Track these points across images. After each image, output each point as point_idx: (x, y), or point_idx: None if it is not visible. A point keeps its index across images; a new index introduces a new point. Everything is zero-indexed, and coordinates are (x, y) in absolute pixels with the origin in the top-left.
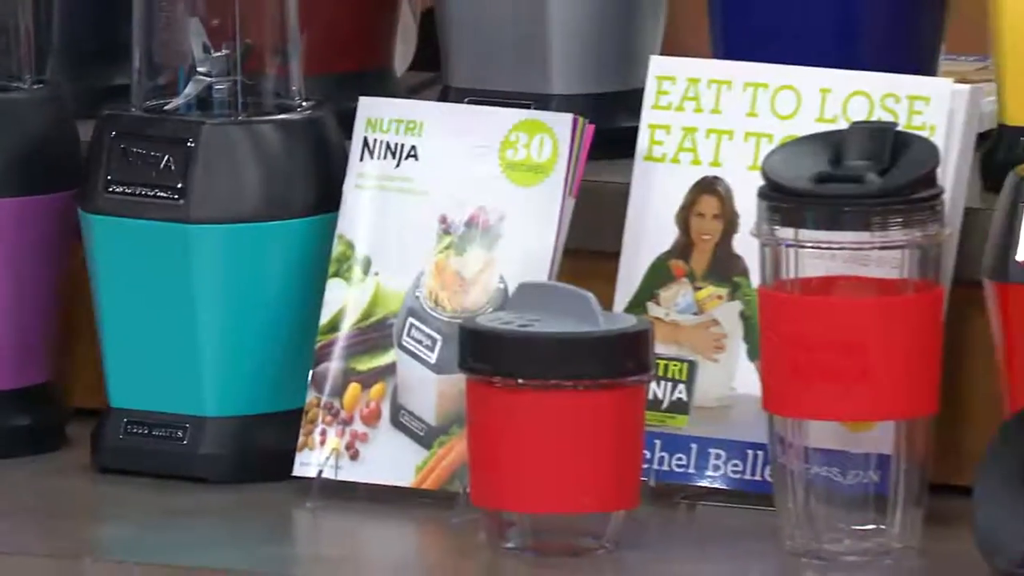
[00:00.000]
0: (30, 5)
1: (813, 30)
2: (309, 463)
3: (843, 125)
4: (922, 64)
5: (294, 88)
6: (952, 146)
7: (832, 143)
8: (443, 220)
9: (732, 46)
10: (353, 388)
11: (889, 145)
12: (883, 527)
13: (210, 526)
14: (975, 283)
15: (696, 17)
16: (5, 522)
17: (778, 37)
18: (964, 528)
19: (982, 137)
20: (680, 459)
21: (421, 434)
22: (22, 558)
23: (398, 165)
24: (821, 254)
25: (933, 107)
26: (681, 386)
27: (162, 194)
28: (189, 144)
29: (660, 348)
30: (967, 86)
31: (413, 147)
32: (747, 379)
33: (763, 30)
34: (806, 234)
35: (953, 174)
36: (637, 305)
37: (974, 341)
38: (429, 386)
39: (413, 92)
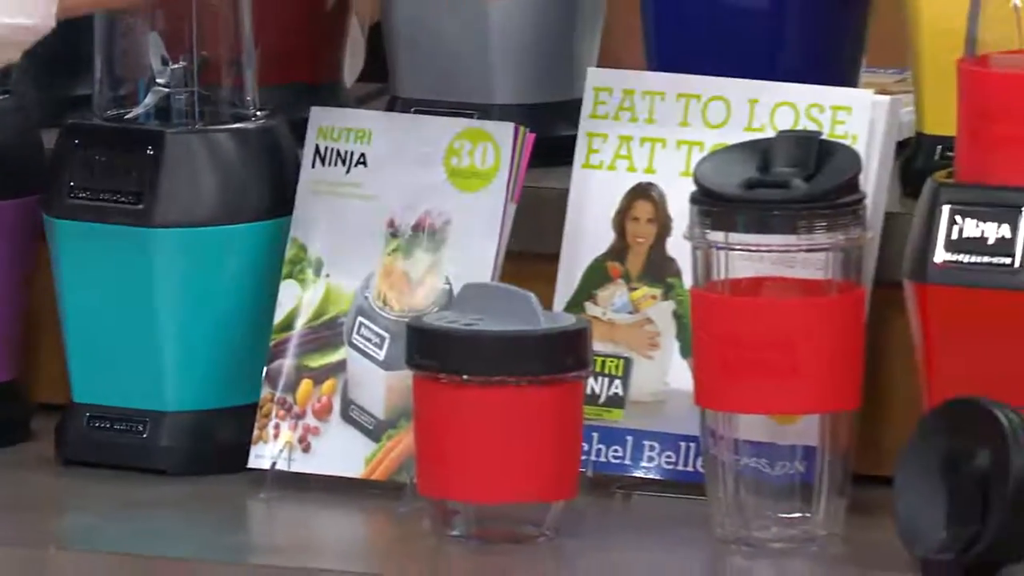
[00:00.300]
0: None
1: (742, 44)
2: (263, 455)
3: (770, 134)
4: (845, 76)
5: (249, 99)
6: (873, 154)
7: (760, 151)
8: (391, 224)
9: (665, 59)
10: (305, 384)
11: (814, 153)
12: (808, 515)
13: (169, 516)
14: (895, 284)
15: (631, 32)
16: None
17: (709, 51)
18: (885, 517)
19: (901, 145)
20: (616, 451)
21: (370, 428)
22: None
23: (348, 171)
24: (750, 256)
25: (855, 117)
26: (617, 382)
27: (123, 200)
28: (149, 152)
29: (597, 346)
30: (887, 97)
31: (362, 154)
32: (680, 375)
33: (694, 44)
34: (736, 237)
35: (874, 180)
36: (575, 305)
37: (894, 340)
38: (378, 382)
39: (362, 102)
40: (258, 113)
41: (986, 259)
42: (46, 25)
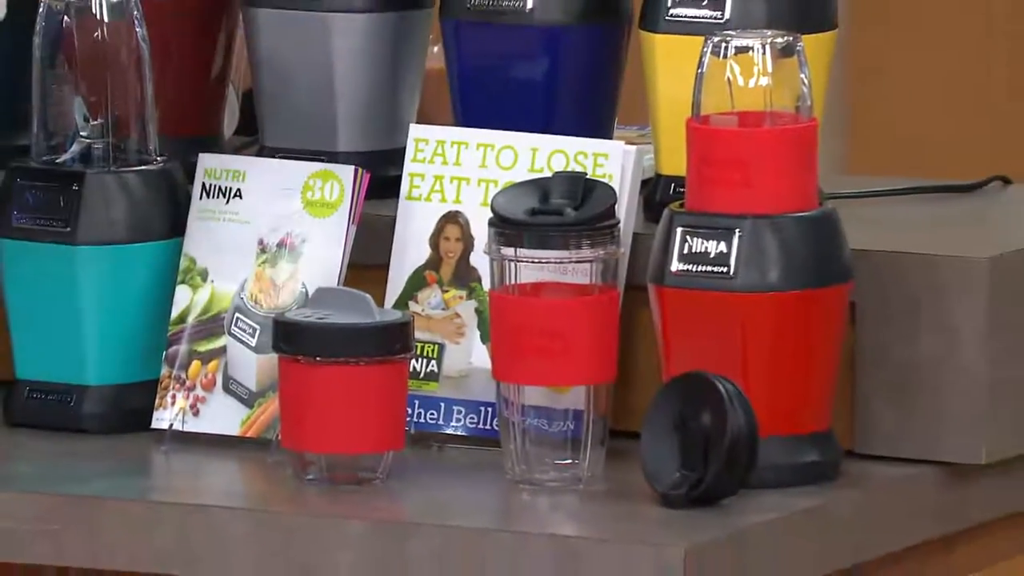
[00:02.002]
0: None
1: (526, 108)
2: (163, 419)
3: (548, 174)
4: (603, 131)
5: (151, 147)
6: (624, 189)
7: (540, 187)
8: (261, 242)
9: (468, 118)
10: (196, 364)
11: (581, 188)
12: (577, 462)
13: (91, 466)
14: (642, 287)
15: (442, 97)
16: None
17: (501, 112)
18: (634, 462)
19: (645, 183)
20: (432, 414)
21: (245, 397)
22: None
23: (228, 202)
24: (533, 266)
25: (611, 161)
26: (433, 362)
27: (55, 224)
28: (74, 188)
29: (418, 334)
30: (633, 147)
31: (239, 189)
32: (481, 356)
33: (490, 107)
34: (523, 252)
35: (625, 209)
36: (401, 303)
37: (641, 329)
38: (251, 362)
39: (238, 150)
40: (158, 158)
41: (709, 268)
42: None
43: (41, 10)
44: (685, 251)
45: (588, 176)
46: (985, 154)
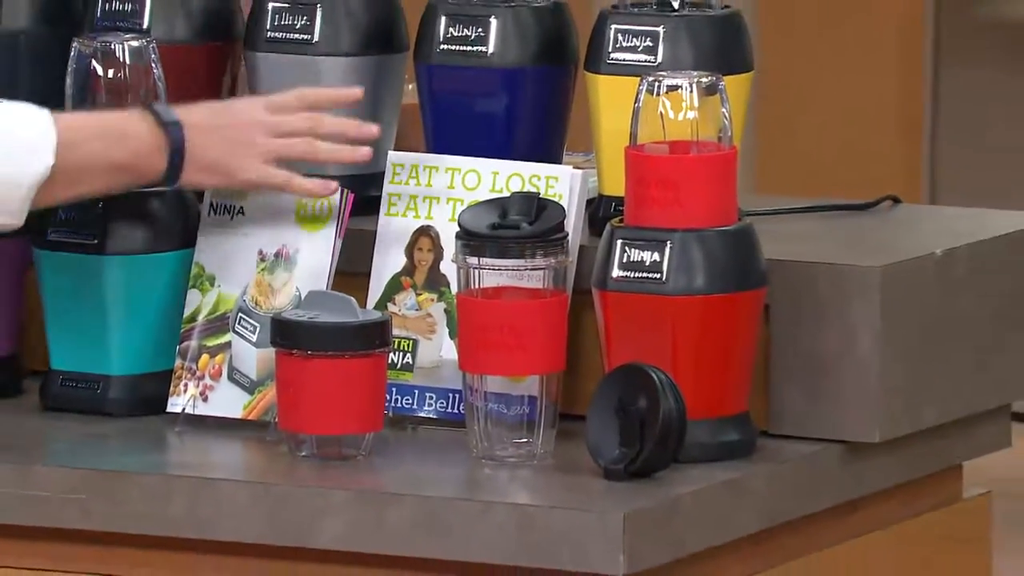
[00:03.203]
0: None
1: (487, 136)
2: (177, 404)
3: (507, 194)
4: (553, 157)
5: None
6: (572, 207)
7: (501, 205)
8: (260, 252)
9: (438, 146)
10: (205, 357)
11: (535, 206)
12: (532, 441)
13: (115, 443)
14: (587, 291)
15: (416, 128)
16: None
17: (466, 141)
18: (581, 441)
19: (590, 202)
20: (408, 400)
21: (247, 385)
22: None
23: (232, 218)
24: (494, 273)
25: (561, 183)
26: (408, 355)
27: (85, 238)
28: (101, 206)
29: (395, 331)
30: (580, 171)
31: (241, 207)
32: (449, 350)
33: (457, 137)
34: (486, 261)
35: (573, 224)
36: (381, 305)
37: (587, 326)
38: (252, 356)
39: None
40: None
41: (644, 275)
42: (18, 225)
43: (72, 53)
44: (624, 260)
45: (541, 196)
46: (877, 176)
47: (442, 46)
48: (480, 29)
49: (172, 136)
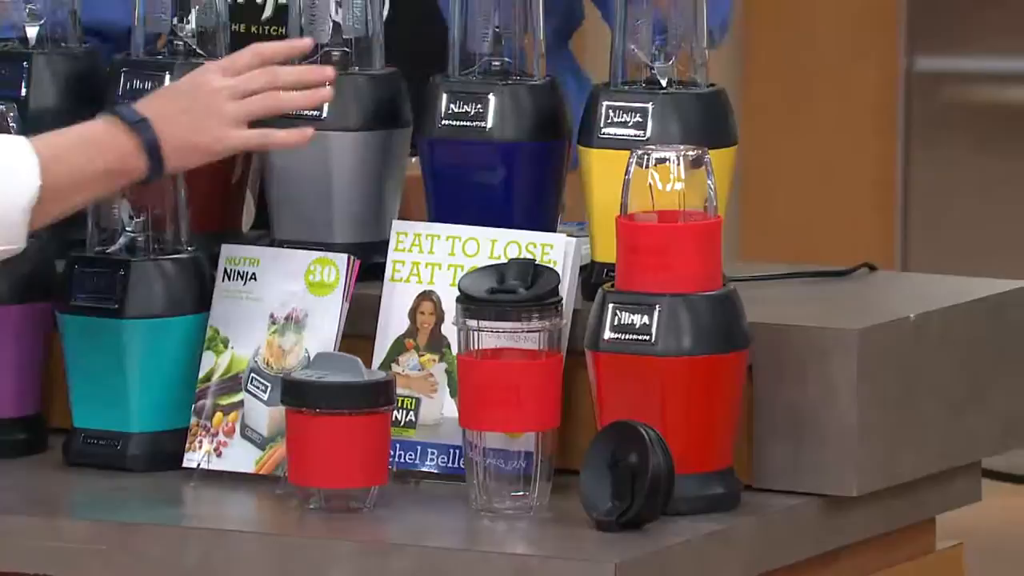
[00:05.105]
0: None
1: (486, 208)
2: (192, 459)
3: (504, 260)
4: (548, 226)
5: (184, 239)
6: (566, 273)
7: (499, 271)
8: (271, 316)
9: (440, 215)
10: (219, 415)
11: (531, 272)
12: (529, 494)
13: (135, 497)
14: (580, 352)
15: (419, 198)
16: (11, 494)
17: (467, 212)
18: (575, 493)
19: (583, 268)
20: (411, 455)
21: (259, 442)
22: (19, 517)
23: (245, 283)
24: (493, 335)
25: (556, 250)
26: (411, 412)
27: (106, 302)
28: (122, 273)
29: (399, 390)
30: (574, 239)
31: (254, 273)
32: (450, 408)
33: (458, 207)
34: (485, 324)
35: (567, 289)
36: (385, 365)
37: (581, 385)
38: (263, 414)
39: (253, 242)
40: (189, 249)
41: (634, 337)
42: (21, 247)
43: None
44: (615, 323)
45: (537, 262)
46: (852, 244)
47: (443, 121)
48: (479, 105)
49: (144, 136)
